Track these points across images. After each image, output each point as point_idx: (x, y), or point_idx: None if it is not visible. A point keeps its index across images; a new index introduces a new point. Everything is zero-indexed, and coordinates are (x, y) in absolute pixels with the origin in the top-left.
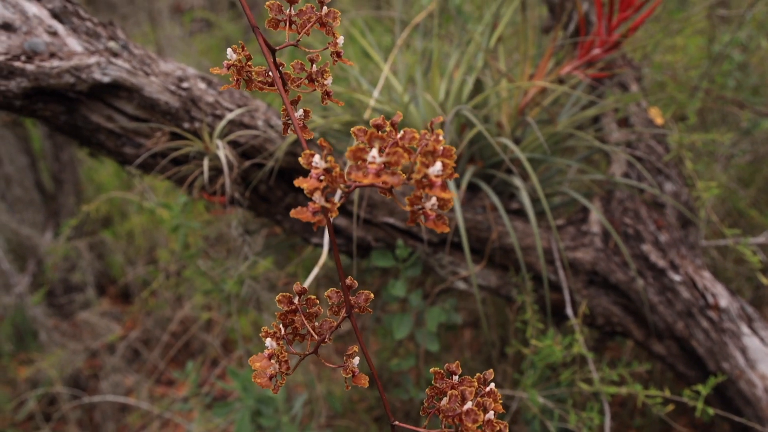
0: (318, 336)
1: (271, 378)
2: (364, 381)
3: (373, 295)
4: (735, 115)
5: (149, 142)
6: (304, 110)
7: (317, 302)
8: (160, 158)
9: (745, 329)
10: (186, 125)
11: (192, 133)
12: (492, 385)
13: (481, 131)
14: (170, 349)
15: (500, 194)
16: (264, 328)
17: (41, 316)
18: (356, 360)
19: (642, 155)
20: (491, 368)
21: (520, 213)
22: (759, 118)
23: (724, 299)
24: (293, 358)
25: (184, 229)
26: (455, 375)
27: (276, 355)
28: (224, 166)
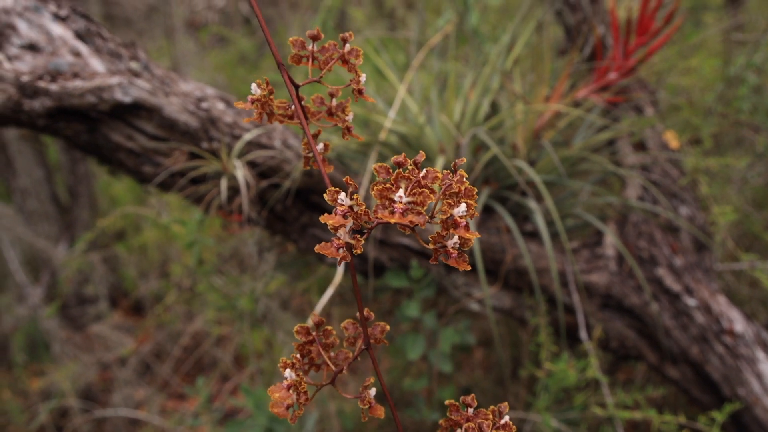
0: (335, 367)
1: (289, 408)
2: (380, 412)
3: (386, 316)
4: (750, 138)
5: (168, 161)
6: (324, 144)
7: (333, 333)
8: (179, 177)
9: (761, 355)
10: (204, 145)
11: (210, 153)
12: (507, 418)
13: (497, 154)
14: (181, 363)
15: (514, 216)
16: (282, 359)
17: (54, 328)
18: (373, 391)
19: (657, 179)
20: (504, 389)
21: (535, 235)
22: None
23: (740, 324)
24: (310, 389)
25: (199, 246)
26: (470, 407)
27: (295, 386)
28: (242, 187)
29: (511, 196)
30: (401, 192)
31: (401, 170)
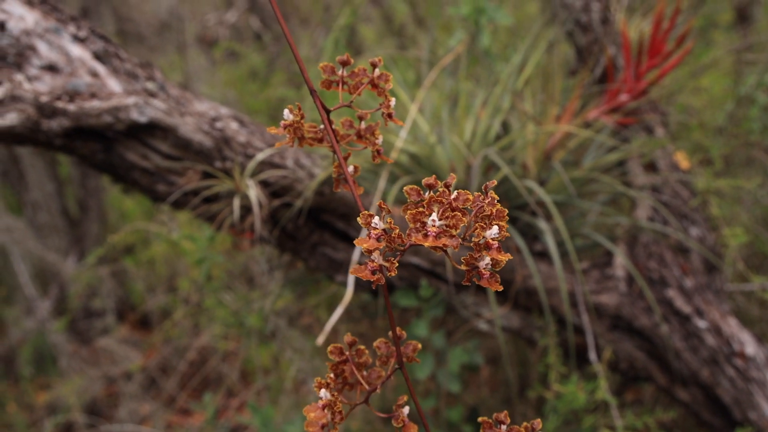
0: (369, 386)
1: (323, 427)
2: (414, 431)
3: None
4: (761, 159)
5: (181, 180)
6: (354, 166)
7: (366, 352)
8: (192, 196)
9: None
10: (218, 164)
11: (223, 172)
12: None
13: (507, 174)
14: (187, 378)
15: (524, 236)
16: (317, 379)
17: (62, 342)
18: (406, 410)
19: (667, 199)
20: (511, 408)
21: (544, 255)
22: None
23: (751, 347)
24: (344, 408)
25: (209, 262)
26: (503, 424)
27: (330, 406)
28: (254, 206)
29: (521, 216)
30: (434, 216)
31: (433, 193)
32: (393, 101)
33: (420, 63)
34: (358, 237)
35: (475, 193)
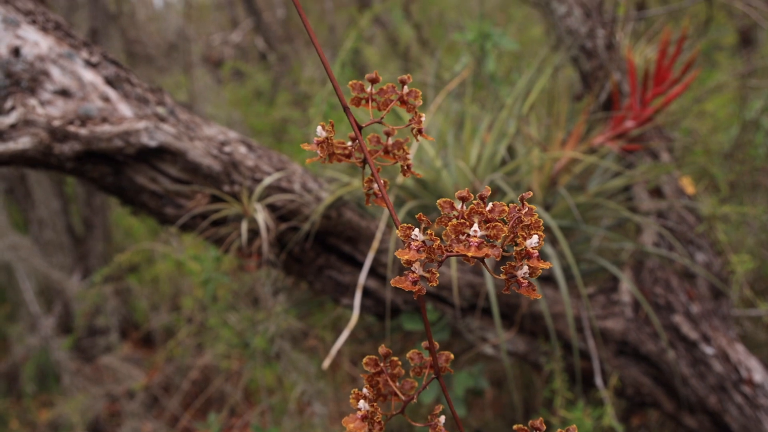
0: (404, 397)
1: None
2: None
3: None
4: (766, 184)
5: (190, 204)
6: (384, 181)
7: (399, 363)
8: (200, 219)
9: None
10: (226, 188)
11: (231, 196)
12: None
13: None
14: (190, 397)
15: None
16: (354, 391)
17: (65, 359)
18: (442, 419)
19: (673, 225)
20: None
21: (550, 280)
22: None
23: (759, 374)
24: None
25: (214, 283)
26: (538, 431)
27: (369, 417)
28: (262, 230)
29: None
30: (476, 226)
31: (474, 205)
32: (423, 117)
33: (426, 88)
34: (364, 261)
35: (510, 204)
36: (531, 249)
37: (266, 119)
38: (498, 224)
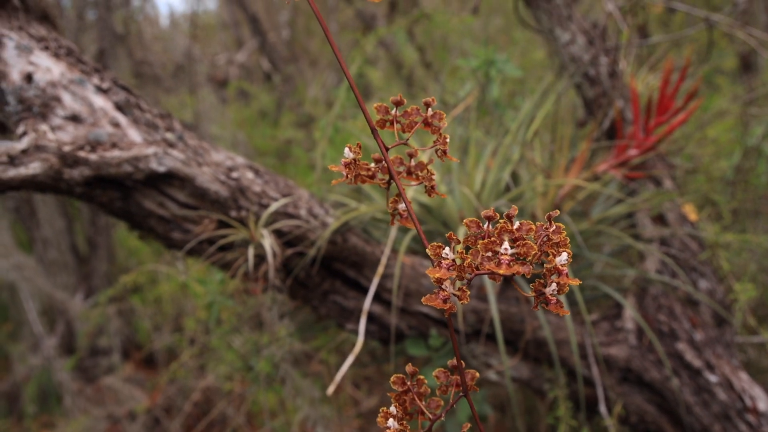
0: (432, 415)
1: None
2: None
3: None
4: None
5: (197, 229)
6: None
7: (425, 382)
8: (207, 244)
9: None
10: (233, 213)
11: (238, 221)
12: None
13: None
14: (192, 419)
15: None
16: (383, 409)
17: (67, 380)
18: None
19: (676, 252)
20: None
21: None
22: None
23: (763, 402)
24: None
25: (218, 306)
26: None
27: None
28: (269, 256)
29: None
30: (506, 245)
31: (503, 223)
32: (448, 138)
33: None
34: (369, 286)
35: (538, 223)
36: (561, 266)
37: (271, 141)
38: (527, 242)
